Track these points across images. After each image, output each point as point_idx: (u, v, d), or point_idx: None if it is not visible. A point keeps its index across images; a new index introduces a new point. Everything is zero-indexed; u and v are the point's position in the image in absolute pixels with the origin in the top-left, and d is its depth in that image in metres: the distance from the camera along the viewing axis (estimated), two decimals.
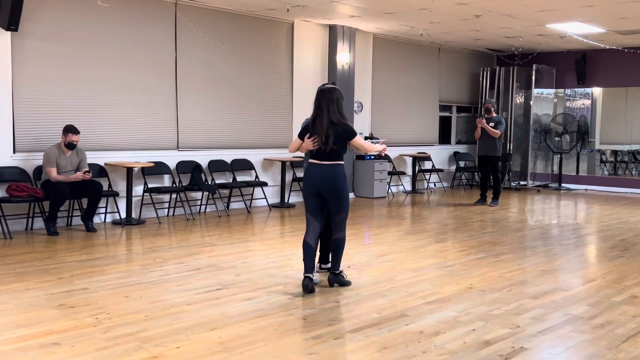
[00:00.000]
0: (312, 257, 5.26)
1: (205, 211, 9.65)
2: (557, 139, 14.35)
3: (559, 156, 14.40)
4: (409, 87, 13.36)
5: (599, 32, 11.44)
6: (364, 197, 11.82)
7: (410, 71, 13.38)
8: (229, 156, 10.00)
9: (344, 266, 5.87)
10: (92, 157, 8.30)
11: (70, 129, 7.69)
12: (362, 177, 11.85)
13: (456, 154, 14.50)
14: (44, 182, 7.69)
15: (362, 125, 12.07)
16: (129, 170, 8.46)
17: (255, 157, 10.36)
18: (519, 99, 14.25)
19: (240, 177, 10.10)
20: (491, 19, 10.35)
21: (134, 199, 8.70)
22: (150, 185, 8.85)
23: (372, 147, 5.59)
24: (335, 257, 5.39)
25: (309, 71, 11.16)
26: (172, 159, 9.28)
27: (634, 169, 14.27)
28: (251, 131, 10.38)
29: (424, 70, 13.72)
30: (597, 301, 5.13)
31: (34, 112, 7.97)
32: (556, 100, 14.90)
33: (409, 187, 13.27)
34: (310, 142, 5.19)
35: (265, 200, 10.29)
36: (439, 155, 14.09)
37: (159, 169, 9.02)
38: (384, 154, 5.76)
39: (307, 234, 5.29)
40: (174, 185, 9.22)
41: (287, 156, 10.60)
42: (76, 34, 8.28)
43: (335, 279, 5.41)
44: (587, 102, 14.60)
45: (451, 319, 4.57)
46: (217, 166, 9.78)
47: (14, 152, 7.83)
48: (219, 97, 9.93)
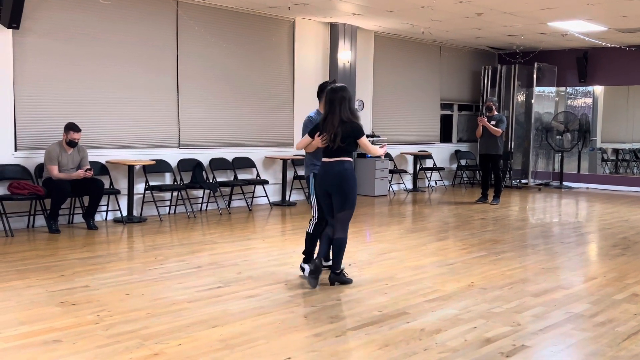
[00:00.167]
0: (328, 243, 5.42)
1: (206, 209, 9.66)
2: (558, 137, 14.34)
3: (560, 154, 14.40)
4: (410, 86, 13.35)
5: (601, 30, 11.43)
6: (365, 195, 11.81)
7: (411, 69, 13.37)
8: (230, 154, 10.00)
9: (345, 264, 5.89)
10: (94, 155, 8.30)
11: (71, 127, 7.69)
12: (363, 176, 11.84)
13: (457, 152, 14.50)
14: (45, 179, 7.70)
15: (363, 123, 11.99)
16: (131, 168, 8.46)
17: (256, 155, 10.36)
18: (521, 97, 14.24)
19: (241, 175, 10.10)
20: (493, 17, 10.35)
21: (136, 197, 8.71)
22: (151, 183, 8.85)
23: (376, 151, 5.66)
24: (336, 257, 5.39)
25: (310, 69, 11.16)
26: (173, 156, 9.29)
27: (635, 168, 14.26)
28: (252, 129, 10.38)
29: (426, 68, 13.71)
30: (598, 299, 5.13)
31: (35, 109, 7.98)
32: (557, 98, 14.89)
33: (410, 186, 13.26)
34: (319, 140, 5.29)
35: (266, 198, 10.30)
36: (440, 153, 14.08)
37: (161, 166, 9.02)
38: (383, 156, 5.81)
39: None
40: (175, 183, 9.22)
41: (288, 154, 10.60)
42: (78, 32, 8.28)
43: (336, 278, 5.42)
44: (589, 100, 14.59)
45: (452, 317, 4.57)
46: (218, 164, 9.79)
47: (16, 149, 7.84)
48: (221, 95, 9.93)
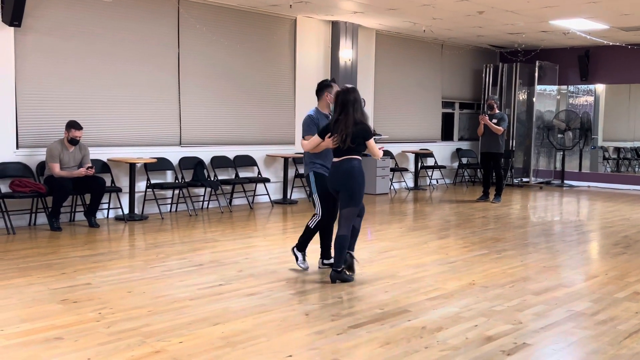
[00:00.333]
0: (354, 236, 5.59)
1: (207, 207, 9.66)
2: (559, 135, 14.33)
3: (561, 153, 14.39)
4: (411, 84, 13.34)
5: (602, 29, 11.42)
6: (366, 193, 11.78)
7: (412, 67, 13.36)
8: (231, 152, 10.00)
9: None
10: (95, 153, 8.31)
11: (73, 125, 7.70)
12: (367, 176, 11.82)
13: (459, 150, 14.49)
14: (47, 177, 7.70)
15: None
16: (132, 166, 8.47)
17: (257, 153, 10.36)
18: (522, 96, 14.23)
19: (242, 173, 10.10)
20: (494, 15, 10.34)
21: (137, 195, 8.71)
22: (153, 181, 8.86)
23: (378, 153, 5.69)
24: (338, 254, 5.39)
25: (311, 67, 11.15)
26: (174, 154, 9.29)
27: (637, 166, 14.25)
28: (253, 127, 10.38)
29: (427, 66, 13.70)
30: (599, 298, 5.13)
31: (36, 107, 7.98)
32: (559, 97, 14.88)
33: (411, 184, 13.26)
34: (330, 141, 5.35)
35: (267, 196, 10.30)
36: (442, 151, 14.07)
37: (162, 164, 9.03)
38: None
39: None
40: (177, 181, 9.23)
41: (289, 152, 10.61)
42: (79, 30, 8.28)
43: (337, 276, 5.41)
44: (590, 98, 14.58)
45: (453, 315, 4.57)
46: (219, 162, 9.79)
47: (17, 147, 7.84)
48: (222, 93, 9.93)
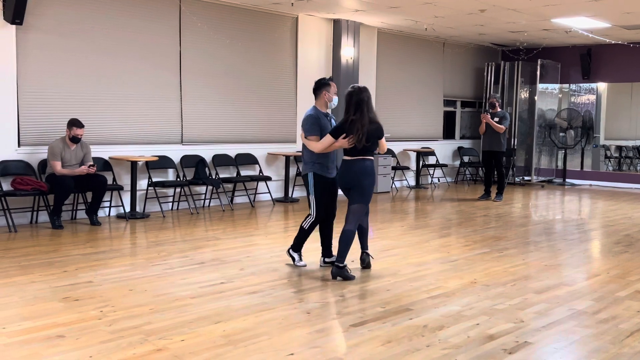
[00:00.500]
0: (364, 235, 5.77)
1: (209, 205, 9.67)
2: (561, 134, 14.31)
3: (563, 151, 14.37)
4: (413, 82, 13.33)
5: (604, 27, 11.40)
6: None
7: (414, 66, 13.35)
8: (233, 150, 10.00)
9: (348, 260, 5.91)
10: (97, 151, 8.31)
11: (74, 123, 7.70)
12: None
13: (460, 149, 14.48)
14: (48, 175, 7.71)
15: None
16: (134, 164, 8.47)
17: (259, 151, 10.36)
18: (524, 94, 14.22)
19: (244, 172, 10.10)
20: (496, 13, 10.32)
21: (139, 193, 8.71)
22: (154, 179, 8.86)
23: (385, 148, 5.76)
24: (342, 249, 5.40)
25: (313, 66, 11.14)
26: (176, 153, 9.29)
27: (639, 165, 14.23)
28: (255, 125, 10.38)
29: (429, 65, 13.69)
30: (601, 296, 5.13)
31: (38, 105, 7.98)
32: (561, 95, 14.87)
33: (412, 182, 13.26)
34: (345, 142, 5.38)
35: (269, 194, 10.30)
36: (443, 150, 14.07)
37: (163, 163, 9.03)
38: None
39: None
40: (178, 179, 9.23)
41: (291, 150, 10.61)
42: (81, 28, 8.28)
43: (339, 272, 5.41)
44: (592, 97, 14.56)
45: (455, 314, 4.57)
46: (221, 160, 9.79)
47: (19, 145, 7.85)
48: (223, 91, 9.93)
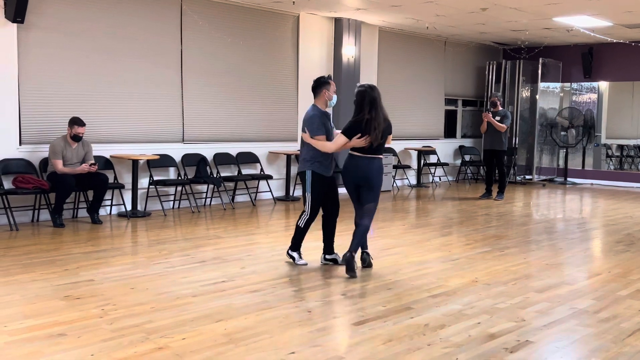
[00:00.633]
0: (359, 238, 5.69)
1: (210, 204, 9.67)
2: (563, 133, 14.30)
3: (564, 150, 14.36)
4: (414, 81, 13.32)
5: (606, 26, 11.39)
6: None
7: (415, 64, 13.34)
8: (234, 149, 10.00)
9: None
10: (98, 150, 8.31)
11: (76, 121, 7.70)
12: None
13: (461, 147, 14.47)
14: (50, 174, 7.71)
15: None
16: (135, 162, 8.47)
17: (260, 150, 10.36)
18: (525, 93, 14.20)
19: (245, 170, 10.10)
20: (497, 12, 10.31)
21: (140, 192, 8.72)
22: (155, 177, 8.86)
23: (389, 144, 5.94)
24: (358, 239, 5.63)
25: (314, 64, 11.14)
26: (177, 151, 9.29)
27: None
28: (256, 124, 10.38)
29: (430, 63, 13.68)
30: (602, 295, 5.13)
31: (40, 104, 7.98)
32: (562, 94, 14.85)
33: (414, 181, 13.25)
34: (361, 141, 5.48)
35: (270, 193, 10.30)
36: (445, 149, 14.06)
37: (165, 161, 9.03)
38: None
39: (357, 216, 5.76)
40: (180, 177, 9.23)
41: (292, 149, 10.60)
42: (82, 26, 8.28)
43: (351, 259, 5.50)
44: (594, 96, 14.54)
45: (456, 312, 4.57)
46: (222, 159, 9.79)
47: (20, 144, 7.85)
48: (225, 90, 9.93)
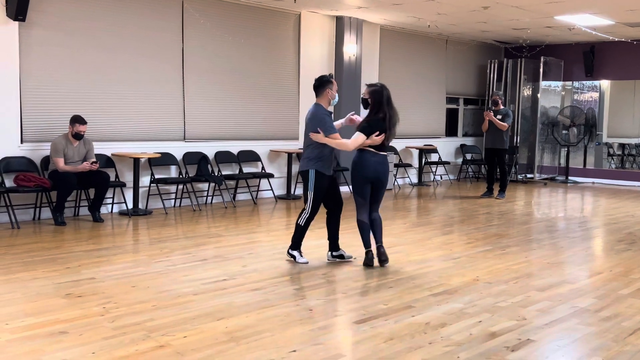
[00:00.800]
0: (369, 232, 5.83)
1: (211, 202, 9.67)
2: (564, 131, 14.29)
3: (566, 149, 14.35)
4: (416, 79, 13.31)
5: (608, 24, 11.38)
6: None
7: (417, 63, 13.33)
8: (235, 147, 10.00)
9: (350, 255, 5.96)
10: (99, 148, 8.31)
11: (77, 119, 7.71)
12: None
13: (463, 146, 14.46)
14: (51, 172, 7.71)
15: None
16: (136, 160, 8.48)
17: (261, 148, 10.36)
18: (527, 92, 14.19)
19: (246, 169, 10.10)
20: (499, 10, 10.30)
21: (141, 190, 8.72)
22: (157, 176, 8.86)
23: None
24: (381, 232, 5.87)
25: (315, 63, 11.13)
26: (178, 150, 9.29)
27: None
28: (257, 122, 10.37)
29: (431, 62, 13.67)
30: (603, 294, 5.12)
31: (41, 102, 7.99)
32: (564, 92, 14.84)
33: (415, 180, 13.25)
34: (379, 139, 5.65)
35: (271, 191, 10.30)
36: (446, 147, 14.05)
37: (166, 159, 9.03)
38: None
39: (361, 214, 5.82)
40: (181, 176, 9.23)
41: (293, 148, 10.60)
42: (84, 24, 8.28)
43: (385, 252, 5.81)
44: (595, 94, 14.53)
45: (457, 311, 4.57)
46: (223, 157, 9.79)
47: (22, 142, 7.85)
48: (226, 88, 9.92)
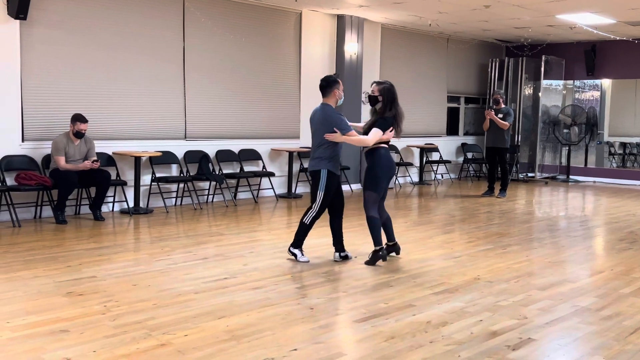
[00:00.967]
0: (380, 229, 5.92)
1: (212, 201, 9.67)
2: (565, 130, 14.28)
3: (567, 148, 14.34)
4: (417, 78, 13.30)
5: (609, 23, 11.36)
6: None
7: (418, 62, 13.32)
8: (236, 146, 10.00)
9: (352, 254, 5.96)
10: (100, 146, 8.31)
11: (78, 118, 7.71)
12: None
13: (464, 145, 14.45)
14: (52, 170, 7.72)
15: (369, 116, 12.01)
16: (137, 159, 8.47)
17: (262, 147, 10.36)
18: (528, 90, 14.18)
19: (247, 167, 10.10)
20: (500, 9, 10.29)
21: (142, 188, 8.72)
22: (158, 174, 8.86)
23: None
24: (392, 230, 6.12)
25: (316, 61, 11.13)
26: (179, 148, 9.29)
27: None
28: (258, 121, 10.37)
29: (432, 60, 13.66)
30: (604, 293, 5.12)
31: (42, 100, 7.99)
32: (565, 91, 14.82)
33: (416, 179, 13.24)
34: (392, 134, 5.84)
35: (272, 190, 10.30)
36: (447, 146, 14.05)
37: (167, 158, 9.03)
38: None
39: (373, 210, 5.87)
40: (182, 174, 9.23)
41: (294, 146, 10.60)
42: (85, 23, 8.28)
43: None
44: (596, 93, 14.51)
45: (458, 310, 4.56)
46: (224, 156, 9.79)
47: (23, 140, 7.86)
48: (227, 86, 9.92)
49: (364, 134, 5.86)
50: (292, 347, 3.77)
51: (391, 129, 5.82)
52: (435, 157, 13.54)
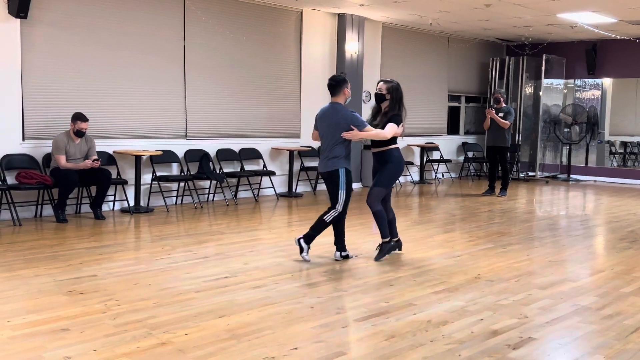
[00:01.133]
0: (387, 221, 6.05)
1: (213, 200, 9.67)
2: (566, 129, 14.27)
3: (568, 147, 14.33)
4: (417, 77, 13.29)
5: (610, 22, 11.36)
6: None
7: (419, 61, 13.32)
8: (237, 145, 10.00)
9: (353, 254, 5.95)
10: (101, 145, 8.31)
11: (79, 117, 7.71)
12: (369, 167, 11.79)
13: (464, 144, 14.45)
14: (53, 169, 7.72)
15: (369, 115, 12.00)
16: (138, 158, 8.48)
17: (263, 146, 10.36)
18: (529, 90, 14.17)
19: (248, 166, 10.10)
20: (501, 8, 10.29)
21: (143, 187, 8.72)
22: (158, 173, 8.86)
23: None
24: (395, 226, 6.24)
25: (317, 60, 11.13)
26: (180, 147, 9.29)
27: None
28: (259, 120, 10.37)
29: (433, 59, 13.65)
30: (605, 292, 5.12)
31: (43, 99, 7.99)
32: (566, 90, 14.82)
33: (416, 178, 13.24)
34: (401, 130, 6.01)
35: (273, 189, 10.30)
36: (447, 145, 14.04)
37: (168, 157, 9.03)
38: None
39: (379, 204, 5.97)
40: (182, 173, 9.23)
41: (295, 145, 10.60)
42: (85, 21, 8.28)
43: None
44: (597, 92, 14.50)
45: (459, 309, 4.56)
46: (225, 155, 9.79)
47: (23, 139, 7.86)
48: (228, 85, 9.92)
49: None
50: (292, 346, 3.77)
51: (402, 124, 5.99)
52: (435, 156, 13.54)
